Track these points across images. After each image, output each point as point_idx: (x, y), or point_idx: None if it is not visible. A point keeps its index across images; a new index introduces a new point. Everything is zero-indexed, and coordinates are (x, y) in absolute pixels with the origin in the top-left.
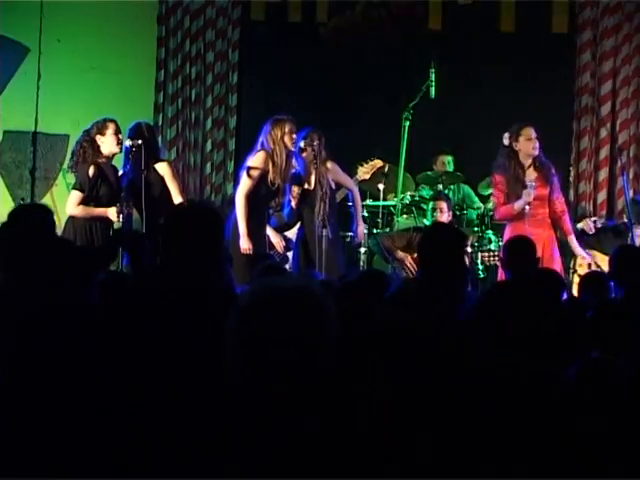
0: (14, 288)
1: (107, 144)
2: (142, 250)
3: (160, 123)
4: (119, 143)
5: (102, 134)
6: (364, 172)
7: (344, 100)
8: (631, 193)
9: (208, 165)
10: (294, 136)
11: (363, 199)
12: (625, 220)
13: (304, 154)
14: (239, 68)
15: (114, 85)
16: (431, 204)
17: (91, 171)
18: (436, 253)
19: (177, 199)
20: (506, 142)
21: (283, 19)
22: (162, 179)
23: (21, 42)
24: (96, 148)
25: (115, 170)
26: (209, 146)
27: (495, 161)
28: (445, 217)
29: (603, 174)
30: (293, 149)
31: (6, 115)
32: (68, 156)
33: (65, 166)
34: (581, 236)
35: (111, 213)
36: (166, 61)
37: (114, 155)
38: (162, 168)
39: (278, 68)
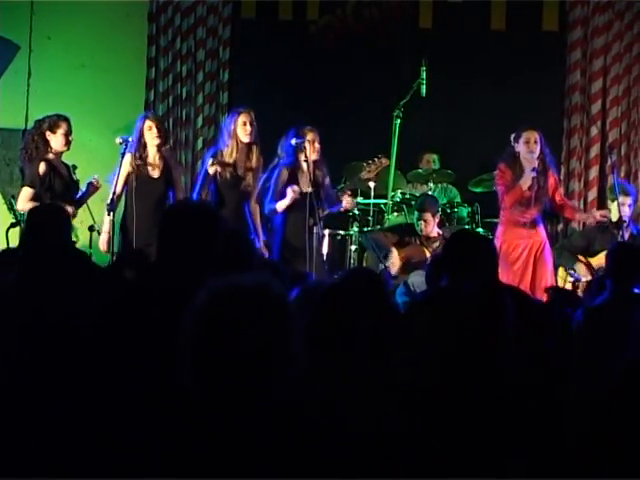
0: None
1: (55, 142)
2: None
3: None
4: (67, 143)
5: (52, 132)
6: (368, 172)
7: (334, 98)
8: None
9: (199, 163)
10: (248, 127)
11: (354, 196)
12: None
13: (297, 151)
14: (230, 66)
15: (104, 83)
16: (416, 214)
17: (41, 167)
18: (463, 259)
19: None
20: (512, 141)
21: (274, 17)
22: (171, 178)
23: (12, 39)
24: (46, 143)
25: (66, 165)
26: (200, 144)
27: (502, 155)
28: (432, 226)
29: (593, 172)
30: (247, 140)
31: None
32: None
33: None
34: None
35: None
36: (157, 59)
37: (62, 153)
38: (174, 168)
39: (269, 66)
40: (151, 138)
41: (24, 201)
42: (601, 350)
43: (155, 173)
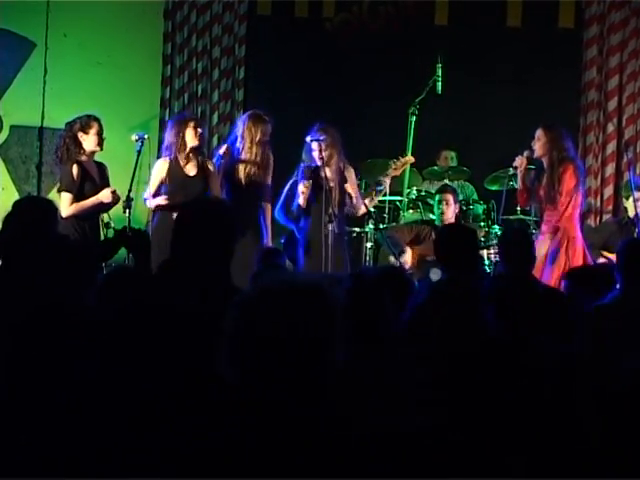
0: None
1: (88, 143)
2: (147, 249)
3: (166, 118)
4: (100, 143)
5: (85, 132)
6: (394, 169)
7: (350, 95)
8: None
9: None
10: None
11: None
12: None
13: (312, 148)
14: (245, 63)
15: (120, 80)
16: (437, 197)
17: (74, 170)
18: (454, 254)
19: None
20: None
21: (289, 14)
22: (207, 176)
23: (28, 37)
24: (78, 144)
25: (98, 166)
26: (216, 141)
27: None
28: (452, 210)
29: (610, 170)
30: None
31: (13, 110)
32: None
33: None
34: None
35: (104, 196)
36: (172, 56)
37: (94, 153)
38: (211, 166)
39: (284, 63)
40: (193, 139)
41: (65, 207)
42: (612, 348)
43: (192, 171)
